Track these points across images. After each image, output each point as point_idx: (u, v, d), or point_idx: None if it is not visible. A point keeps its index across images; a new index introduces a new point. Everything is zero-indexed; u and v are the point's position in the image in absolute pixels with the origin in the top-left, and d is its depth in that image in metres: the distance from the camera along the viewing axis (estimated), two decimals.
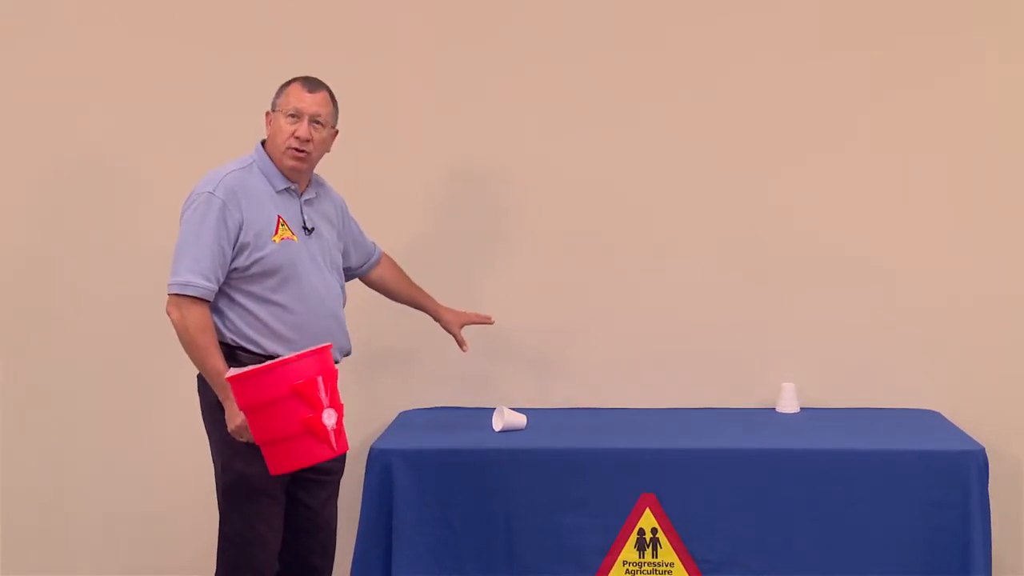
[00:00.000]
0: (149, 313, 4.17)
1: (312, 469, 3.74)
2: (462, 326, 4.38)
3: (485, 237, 4.69)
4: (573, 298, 4.82)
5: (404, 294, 4.38)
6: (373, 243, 4.32)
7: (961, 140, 4.70)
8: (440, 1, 4.80)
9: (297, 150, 3.84)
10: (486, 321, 4.42)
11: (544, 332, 4.85)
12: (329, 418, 3.52)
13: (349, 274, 4.23)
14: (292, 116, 3.85)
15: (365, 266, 4.29)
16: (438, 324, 4.41)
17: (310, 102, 3.86)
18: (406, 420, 4.71)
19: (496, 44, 4.79)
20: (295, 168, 3.86)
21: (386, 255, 4.36)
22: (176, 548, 4.81)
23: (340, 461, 3.99)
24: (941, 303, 4.75)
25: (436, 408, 4.85)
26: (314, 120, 3.85)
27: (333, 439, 3.54)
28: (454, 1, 4.80)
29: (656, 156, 4.78)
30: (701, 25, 4.75)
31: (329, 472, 3.96)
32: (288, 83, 3.89)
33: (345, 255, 4.15)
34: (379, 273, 4.34)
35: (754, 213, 4.78)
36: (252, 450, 3.66)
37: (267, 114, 3.90)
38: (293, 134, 3.83)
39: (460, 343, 4.39)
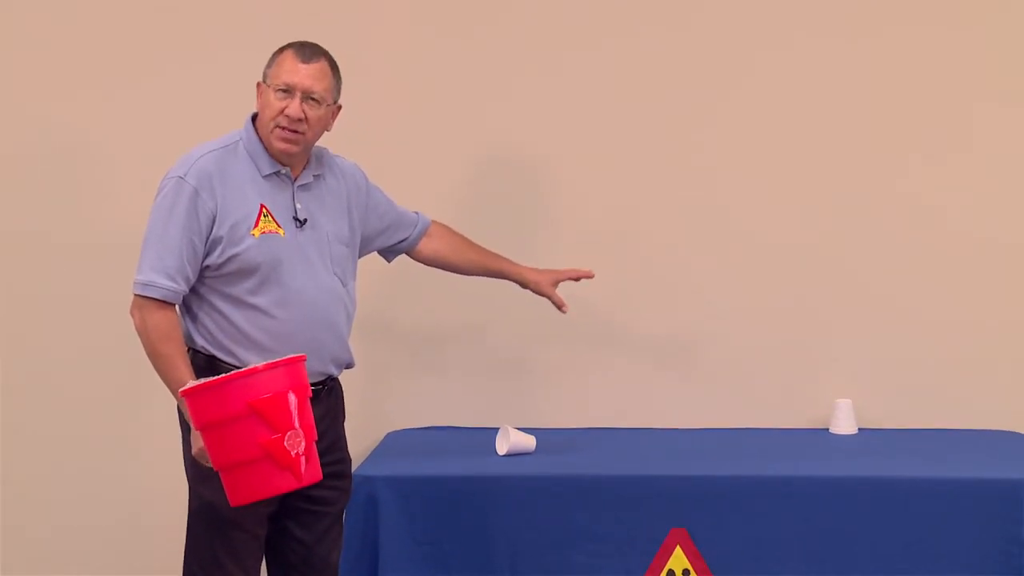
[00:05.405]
0: None
1: (304, 497, 3.54)
2: (556, 284, 4.19)
3: (498, 235, 4.39)
4: (592, 300, 4.56)
5: (471, 263, 4.17)
6: (416, 213, 4.11)
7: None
8: None
9: (287, 130, 3.60)
10: (587, 275, 4.22)
11: (558, 340, 4.71)
12: (293, 441, 3.28)
13: (393, 253, 4.08)
14: (283, 91, 3.59)
15: (407, 241, 4.06)
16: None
17: (304, 75, 3.58)
18: (395, 442, 4.60)
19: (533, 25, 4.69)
20: (285, 151, 3.62)
21: (437, 223, 4.14)
22: (178, 549, 4.59)
23: (338, 489, 3.77)
24: (1020, 308, 4.65)
25: (430, 428, 4.74)
26: (308, 96, 3.59)
27: (299, 466, 3.29)
28: None
29: (690, 158, 4.69)
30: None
31: (326, 502, 3.73)
32: (281, 50, 3.65)
33: (381, 234, 3.98)
34: (431, 246, 4.10)
35: (806, 208, 4.68)
36: None
37: (258, 85, 3.66)
38: (282, 111, 3.58)
39: (559, 305, 4.19)
